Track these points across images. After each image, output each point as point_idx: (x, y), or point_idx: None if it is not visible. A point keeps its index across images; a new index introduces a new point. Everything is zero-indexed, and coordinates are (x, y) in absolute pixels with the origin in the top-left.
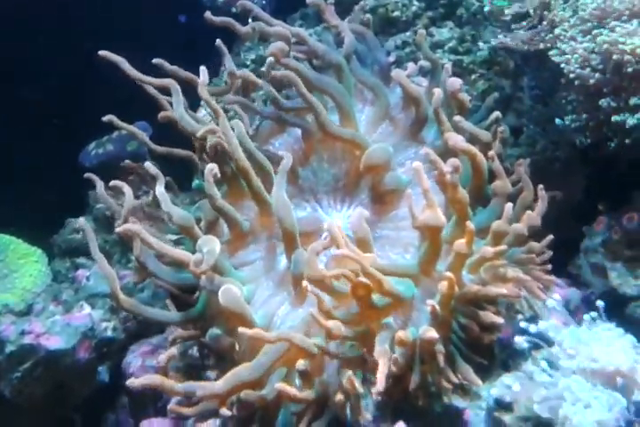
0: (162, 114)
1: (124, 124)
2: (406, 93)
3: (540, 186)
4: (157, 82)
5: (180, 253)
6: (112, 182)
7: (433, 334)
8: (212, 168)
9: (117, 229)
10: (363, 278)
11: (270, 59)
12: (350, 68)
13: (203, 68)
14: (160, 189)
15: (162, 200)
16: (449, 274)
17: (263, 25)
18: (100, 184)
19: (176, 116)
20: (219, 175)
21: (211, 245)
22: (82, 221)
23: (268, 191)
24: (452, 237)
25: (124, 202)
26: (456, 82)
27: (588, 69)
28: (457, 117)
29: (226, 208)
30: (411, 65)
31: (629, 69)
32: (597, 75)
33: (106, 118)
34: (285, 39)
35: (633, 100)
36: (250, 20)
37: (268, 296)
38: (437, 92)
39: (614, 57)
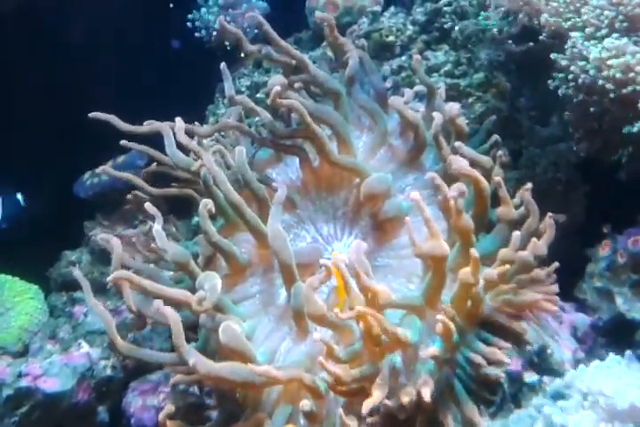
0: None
1: (117, 173)
2: (404, 120)
3: (550, 214)
4: (148, 129)
5: (177, 292)
6: (100, 236)
7: (426, 392)
8: (206, 203)
9: (107, 279)
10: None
11: (277, 88)
12: (351, 92)
13: (178, 119)
14: (157, 227)
15: (158, 238)
16: (442, 317)
17: (271, 49)
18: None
19: (168, 154)
20: (213, 210)
21: (212, 282)
22: (75, 271)
23: (266, 222)
24: (456, 264)
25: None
26: (454, 107)
27: (572, 89)
28: (457, 143)
29: (222, 243)
30: (407, 91)
31: (611, 95)
32: (582, 95)
33: (123, 142)
34: (288, 68)
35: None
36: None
37: (270, 332)
38: (438, 117)
39: (599, 82)
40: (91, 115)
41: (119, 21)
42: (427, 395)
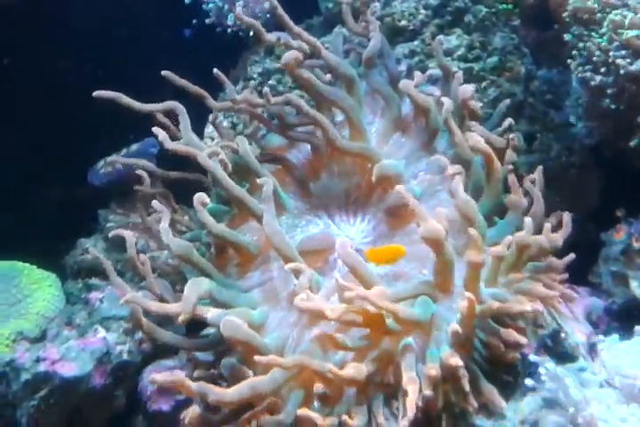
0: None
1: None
2: (415, 104)
3: (567, 213)
4: (161, 107)
5: (175, 307)
6: (113, 232)
7: (457, 360)
8: (199, 197)
9: (121, 302)
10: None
11: (295, 54)
12: (367, 74)
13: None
14: (163, 224)
15: (163, 234)
16: (468, 294)
17: (287, 36)
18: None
19: (183, 138)
20: (208, 203)
21: (186, 291)
22: (92, 250)
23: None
24: (465, 247)
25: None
26: (467, 89)
27: (589, 73)
28: (471, 122)
29: (225, 234)
30: (418, 74)
31: (622, 72)
32: (600, 77)
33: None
34: (305, 53)
35: None
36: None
37: (282, 317)
38: (447, 102)
39: (611, 53)
40: (95, 93)
41: (130, 9)
42: (458, 362)
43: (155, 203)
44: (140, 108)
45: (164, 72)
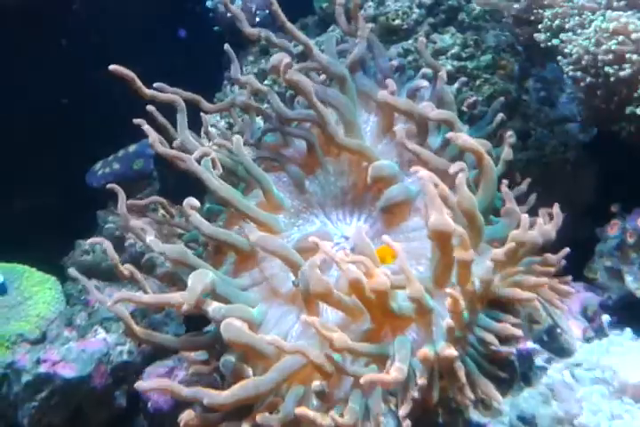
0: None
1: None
2: (398, 111)
3: (555, 204)
4: (165, 97)
5: (177, 296)
6: (89, 241)
7: (452, 351)
8: (188, 202)
9: (109, 304)
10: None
11: (287, 59)
12: (354, 78)
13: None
14: (150, 237)
15: (153, 246)
16: (450, 291)
17: (270, 33)
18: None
19: (179, 137)
20: (197, 206)
21: (191, 282)
22: (74, 272)
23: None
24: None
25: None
26: (427, 106)
27: (579, 72)
28: (449, 134)
29: (218, 235)
30: (390, 82)
31: (612, 79)
32: (589, 78)
33: (137, 121)
34: (288, 51)
35: (629, 109)
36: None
37: (281, 315)
38: (399, 131)
39: (599, 58)
40: (111, 67)
41: (130, 9)
42: (453, 353)
43: (134, 223)
44: (144, 94)
45: (155, 84)
